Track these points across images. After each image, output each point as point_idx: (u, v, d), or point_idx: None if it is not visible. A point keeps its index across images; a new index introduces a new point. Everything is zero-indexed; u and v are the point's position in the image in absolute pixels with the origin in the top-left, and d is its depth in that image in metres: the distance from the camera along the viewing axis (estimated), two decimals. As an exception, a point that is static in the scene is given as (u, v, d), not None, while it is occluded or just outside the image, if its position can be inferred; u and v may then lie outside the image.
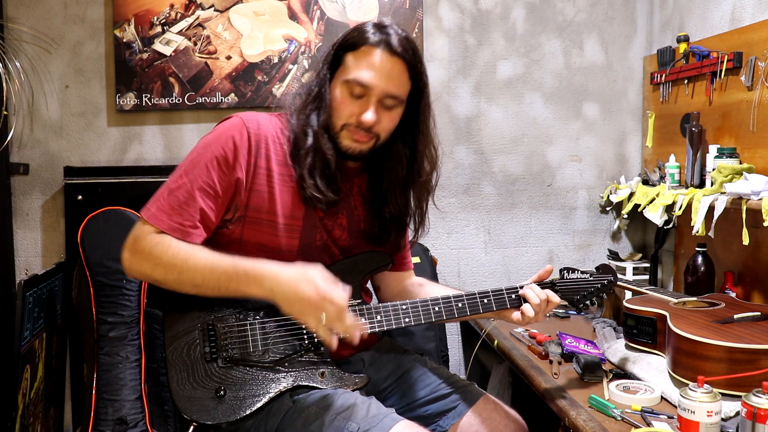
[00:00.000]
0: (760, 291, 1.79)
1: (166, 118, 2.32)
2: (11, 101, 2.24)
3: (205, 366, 1.27)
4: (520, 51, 2.42)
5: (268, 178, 1.32)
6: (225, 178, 1.29)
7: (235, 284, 1.24)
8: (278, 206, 1.32)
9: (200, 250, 1.26)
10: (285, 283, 1.21)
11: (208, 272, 1.24)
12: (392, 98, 1.32)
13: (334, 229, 1.40)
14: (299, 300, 1.20)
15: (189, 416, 1.24)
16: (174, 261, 1.25)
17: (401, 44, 1.31)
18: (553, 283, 1.42)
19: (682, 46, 2.08)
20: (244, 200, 1.31)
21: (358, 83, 1.30)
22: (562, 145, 2.46)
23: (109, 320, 1.95)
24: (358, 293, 1.38)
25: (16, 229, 2.29)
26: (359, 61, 1.31)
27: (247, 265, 1.24)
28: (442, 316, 1.35)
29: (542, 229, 2.48)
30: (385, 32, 1.31)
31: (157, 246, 1.25)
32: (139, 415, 1.93)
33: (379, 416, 1.22)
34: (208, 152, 1.30)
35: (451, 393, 1.44)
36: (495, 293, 1.37)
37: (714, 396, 1.14)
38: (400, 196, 1.44)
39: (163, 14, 2.26)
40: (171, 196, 1.28)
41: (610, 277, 1.45)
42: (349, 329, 1.21)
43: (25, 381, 1.96)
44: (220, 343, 1.29)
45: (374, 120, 1.31)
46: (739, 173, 1.71)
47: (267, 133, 1.34)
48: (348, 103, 1.32)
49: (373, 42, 1.31)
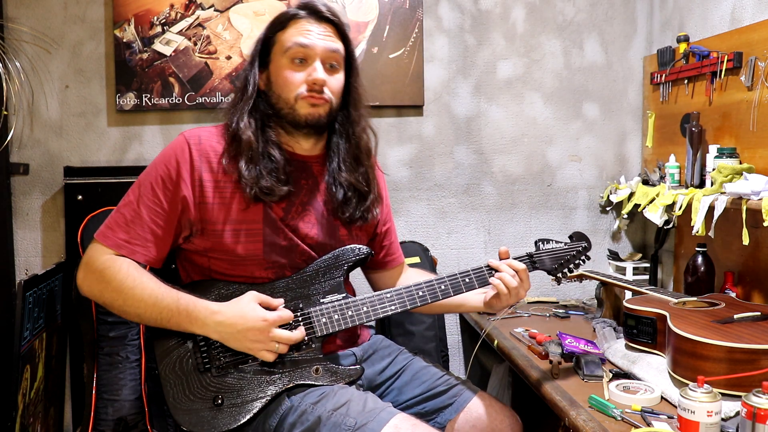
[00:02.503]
0: (760, 291, 1.79)
1: (166, 118, 2.32)
2: (11, 101, 2.24)
3: (199, 377, 1.28)
4: (520, 51, 2.42)
5: (215, 189, 1.34)
6: (170, 195, 1.31)
7: (176, 321, 1.26)
8: (233, 214, 1.33)
9: (149, 279, 1.27)
10: (228, 323, 1.25)
11: (151, 305, 1.26)
12: (333, 54, 1.37)
13: (300, 227, 1.39)
14: (246, 337, 1.25)
15: (189, 429, 1.25)
16: (121, 287, 1.26)
17: (327, 9, 1.38)
18: (530, 255, 1.44)
19: (682, 46, 2.08)
20: (197, 215, 1.33)
21: (299, 45, 1.35)
22: (562, 145, 2.46)
23: (109, 320, 1.94)
24: (342, 288, 1.39)
25: (16, 229, 2.29)
26: (292, 32, 1.36)
27: (189, 303, 1.26)
28: (427, 299, 1.37)
29: (542, 229, 2.48)
30: (308, 5, 1.38)
31: (108, 269, 1.27)
32: (139, 415, 1.93)
33: (376, 410, 1.23)
34: (153, 172, 1.33)
35: (446, 390, 1.46)
36: (474, 270, 1.39)
37: (714, 396, 1.14)
38: (355, 165, 1.46)
39: (163, 14, 2.26)
40: (118, 214, 1.32)
41: (583, 243, 1.48)
42: (298, 340, 1.29)
43: (25, 381, 1.96)
44: (212, 352, 1.29)
45: (324, 77, 1.35)
46: (739, 173, 1.71)
47: (208, 146, 1.36)
48: (294, 72, 1.35)
49: (301, 15, 1.37)
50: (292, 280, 1.37)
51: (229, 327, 1.25)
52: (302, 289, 1.37)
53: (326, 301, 1.36)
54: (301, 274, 1.38)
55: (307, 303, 1.36)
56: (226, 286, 1.35)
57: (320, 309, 1.35)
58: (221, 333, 1.26)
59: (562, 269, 1.47)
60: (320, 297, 1.37)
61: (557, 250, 1.47)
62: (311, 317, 1.34)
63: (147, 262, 1.31)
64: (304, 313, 1.34)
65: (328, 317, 1.34)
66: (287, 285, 1.36)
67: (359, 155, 1.46)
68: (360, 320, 1.35)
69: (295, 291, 1.36)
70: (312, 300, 1.37)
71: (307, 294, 1.37)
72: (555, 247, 1.47)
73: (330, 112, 1.39)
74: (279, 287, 1.36)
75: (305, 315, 1.34)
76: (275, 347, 1.27)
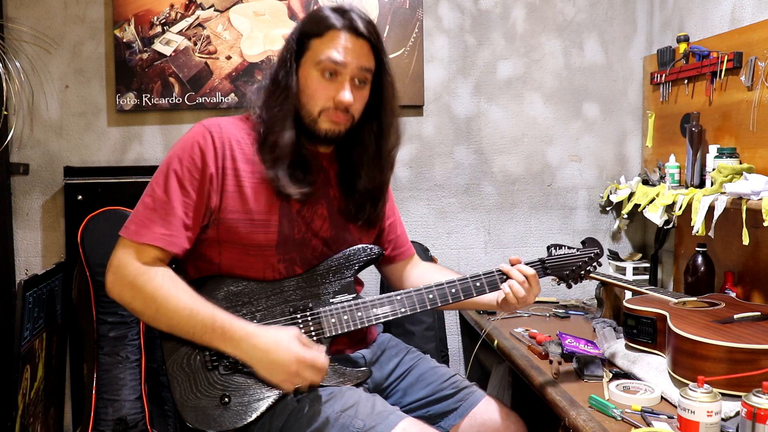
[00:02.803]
0: (760, 291, 1.79)
1: (166, 118, 2.32)
2: (11, 101, 2.24)
3: (207, 374, 1.27)
4: (520, 51, 2.42)
5: (236, 178, 1.32)
6: (197, 184, 1.29)
7: (209, 337, 1.24)
8: (251, 204, 1.32)
9: (184, 291, 1.25)
10: (262, 349, 1.23)
11: (185, 318, 1.23)
12: (364, 73, 1.35)
13: (314, 220, 1.39)
14: (276, 367, 1.23)
15: (195, 426, 1.24)
16: (154, 296, 1.24)
17: (365, 26, 1.35)
18: (542, 261, 1.44)
19: (682, 46, 2.08)
20: (217, 203, 1.31)
21: (332, 61, 1.32)
22: (562, 145, 2.46)
23: (109, 320, 1.95)
24: (352, 288, 1.39)
25: (16, 229, 2.29)
26: (328, 44, 1.33)
27: (225, 321, 1.23)
28: (437, 303, 1.37)
29: (542, 229, 2.48)
30: (348, 17, 1.34)
31: (140, 276, 1.25)
32: (139, 415, 1.94)
33: (384, 413, 1.22)
34: (176, 163, 1.30)
35: (453, 394, 1.45)
36: (486, 274, 1.39)
37: (714, 396, 1.14)
38: (375, 170, 1.44)
39: (163, 14, 2.26)
40: (148, 210, 1.28)
41: (596, 249, 1.46)
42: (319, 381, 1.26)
43: (25, 381, 1.96)
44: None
45: (351, 100, 1.33)
46: (739, 173, 1.71)
47: (230, 135, 1.34)
48: (323, 86, 1.33)
49: (338, 26, 1.33)
50: (303, 278, 1.36)
51: (261, 353, 1.22)
52: (312, 288, 1.36)
53: (336, 302, 1.36)
54: (311, 272, 1.37)
55: (317, 303, 1.35)
56: (235, 283, 1.33)
57: (330, 309, 1.34)
58: (252, 357, 1.23)
59: (574, 275, 1.46)
60: (330, 297, 1.36)
61: (569, 256, 1.45)
62: (320, 317, 1.33)
63: (181, 254, 1.29)
64: (314, 312, 1.33)
65: (337, 318, 1.34)
66: (297, 283, 1.36)
67: (380, 161, 1.45)
68: (369, 322, 1.34)
69: (305, 290, 1.36)
70: (322, 300, 1.36)
71: (317, 293, 1.36)
72: (567, 253, 1.45)
73: (350, 127, 1.38)
74: (289, 285, 1.35)
75: (315, 314, 1.33)
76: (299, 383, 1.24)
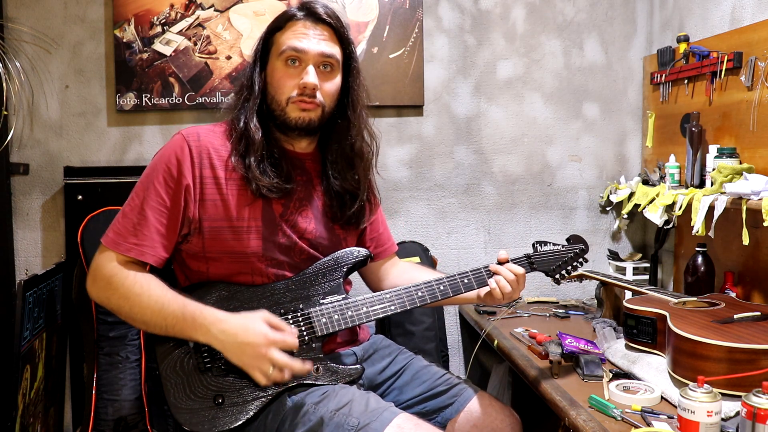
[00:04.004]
0: (760, 291, 1.79)
1: (166, 118, 2.32)
2: (11, 101, 2.24)
3: (200, 376, 1.28)
4: (520, 51, 2.42)
5: (216, 186, 1.34)
6: (172, 193, 1.31)
7: (180, 327, 1.25)
8: (232, 210, 1.34)
9: (156, 286, 1.28)
10: (231, 332, 1.24)
11: (157, 312, 1.26)
12: (327, 59, 1.37)
13: (298, 222, 1.40)
14: (245, 348, 1.23)
15: (190, 428, 1.24)
16: (128, 294, 1.27)
17: (325, 11, 1.38)
18: (528, 257, 1.46)
19: (682, 46, 2.08)
20: (196, 213, 1.33)
21: (292, 49, 1.34)
22: (562, 145, 2.46)
23: (109, 320, 1.94)
24: (341, 289, 1.40)
25: (16, 229, 2.29)
26: (288, 34, 1.36)
27: (195, 309, 1.25)
28: (426, 300, 1.39)
29: (542, 229, 2.48)
30: (307, 6, 1.38)
31: (115, 276, 1.28)
32: (139, 415, 1.93)
33: (378, 410, 1.23)
34: (154, 172, 1.33)
35: (447, 390, 1.46)
36: (473, 272, 1.42)
37: (714, 396, 1.14)
38: (347, 169, 1.46)
39: (163, 14, 2.26)
40: (125, 219, 1.32)
41: (581, 245, 1.51)
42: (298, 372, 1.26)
43: (25, 381, 1.96)
44: (213, 352, 1.28)
45: (315, 82, 1.34)
46: (739, 173, 1.71)
47: (208, 144, 1.36)
48: (287, 75, 1.36)
49: (299, 16, 1.37)
50: (292, 281, 1.37)
51: (230, 336, 1.23)
52: (302, 290, 1.37)
53: (326, 302, 1.37)
54: (300, 276, 1.38)
55: (307, 304, 1.36)
56: (226, 288, 1.35)
57: (320, 309, 1.35)
58: (223, 342, 1.24)
59: (560, 271, 1.49)
60: (320, 298, 1.38)
61: (554, 252, 1.49)
62: (311, 317, 1.34)
63: (155, 263, 1.31)
64: (304, 313, 1.34)
65: (328, 317, 1.35)
66: (287, 286, 1.37)
67: (353, 159, 1.46)
68: (360, 320, 1.36)
69: (294, 292, 1.37)
70: (312, 301, 1.37)
71: (307, 295, 1.37)
72: (552, 249, 1.49)
73: (322, 116, 1.39)
74: (279, 289, 1.36)
75: (305, 315, 1.34)
76: (269, 370, 1.23)
